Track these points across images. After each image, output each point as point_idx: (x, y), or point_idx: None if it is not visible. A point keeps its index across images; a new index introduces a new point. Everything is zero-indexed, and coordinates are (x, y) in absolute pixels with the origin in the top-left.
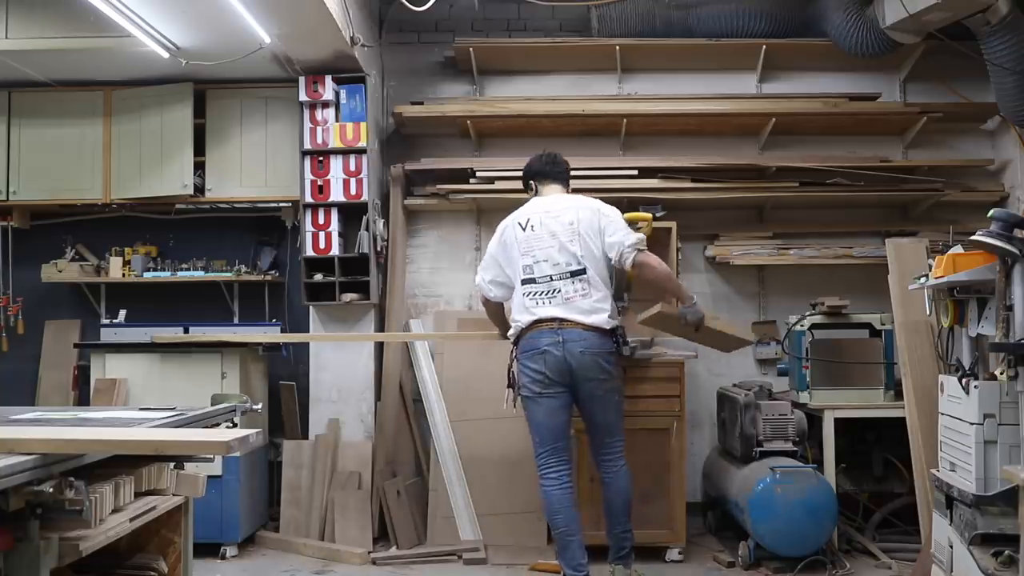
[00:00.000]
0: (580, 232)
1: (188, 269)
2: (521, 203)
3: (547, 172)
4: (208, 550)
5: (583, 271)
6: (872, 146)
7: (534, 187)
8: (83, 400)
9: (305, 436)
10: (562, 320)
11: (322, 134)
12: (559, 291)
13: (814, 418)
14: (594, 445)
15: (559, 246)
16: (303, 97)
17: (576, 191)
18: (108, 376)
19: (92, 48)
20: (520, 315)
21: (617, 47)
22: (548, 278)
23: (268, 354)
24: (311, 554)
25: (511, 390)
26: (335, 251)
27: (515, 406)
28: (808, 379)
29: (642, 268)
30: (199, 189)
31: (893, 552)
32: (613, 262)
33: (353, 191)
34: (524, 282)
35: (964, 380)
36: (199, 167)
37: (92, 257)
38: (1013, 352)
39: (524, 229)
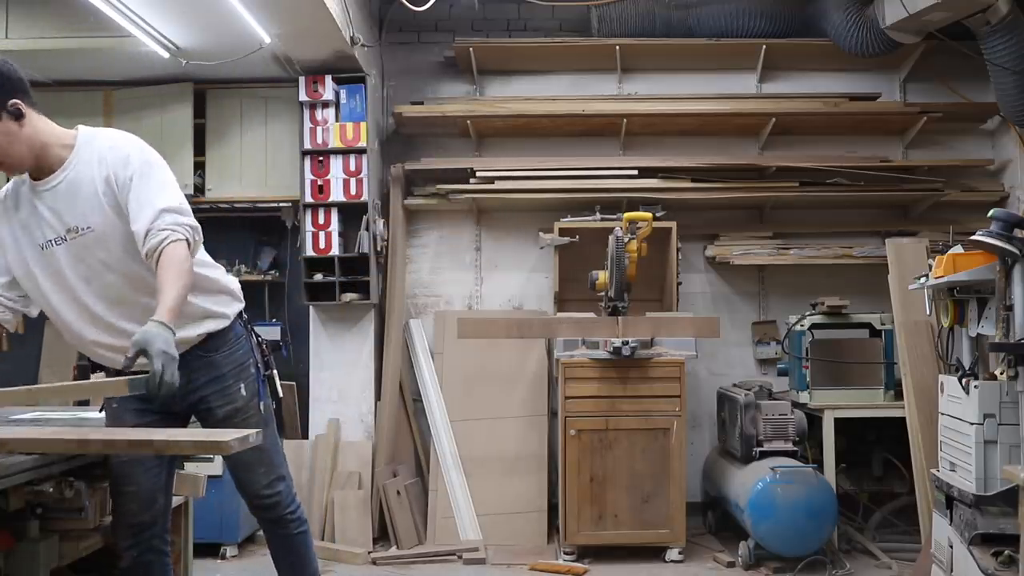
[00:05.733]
0: None
1: None
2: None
3: None
4: (208, 550)
5: None
6: (872, 146)
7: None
8: (83, 400)
9: (305, 436)
10: None
11: (322, 134)
12: None
13: (814, 418)
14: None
15: None
16: (303, 97)
17: (576, 191)
18: None
19: (92, 48)
20: (236, 289)
21: (617, 47)
22: None
23: None
24: None
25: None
26: (335, 251)
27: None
28: (808, 379)
29: None
30: (199, 189)
31: (893, 552)
32: None
33: (353, 191)
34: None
35: (964, 380)
36: (199, 167)
37: None
38: (1013, 352)
39: None
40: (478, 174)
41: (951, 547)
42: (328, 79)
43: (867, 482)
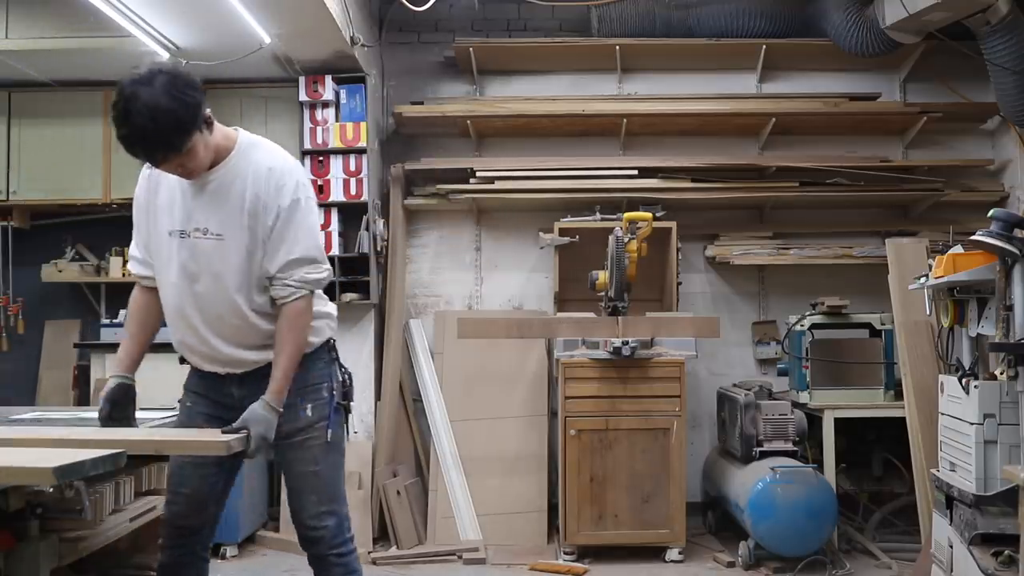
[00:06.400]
0: None
1: None
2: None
3: None
4: None
5: None
6: (872, 146)
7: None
8: (83, 400)
9: None
10: None
11: (322, 134)
12: None
13: (814, 418)
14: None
15: None
16: (303, 97)
17: (576, 191)
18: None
19: (92, 48)
20: (332, 317)
21: (617, 47)
22: None
23: None
24: None
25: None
26: (335, 251)
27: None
28: (808, 379)
29: None
30: None
31: (893, 552)
32: None
33: (353, 191)
34: None
35: (964, 380)
36: None
37: (92, 257)
38: (1013, 352)
39: None
40: (478, 174)
41: (951, 547)
42: (328, 79)
43: (867, 482)
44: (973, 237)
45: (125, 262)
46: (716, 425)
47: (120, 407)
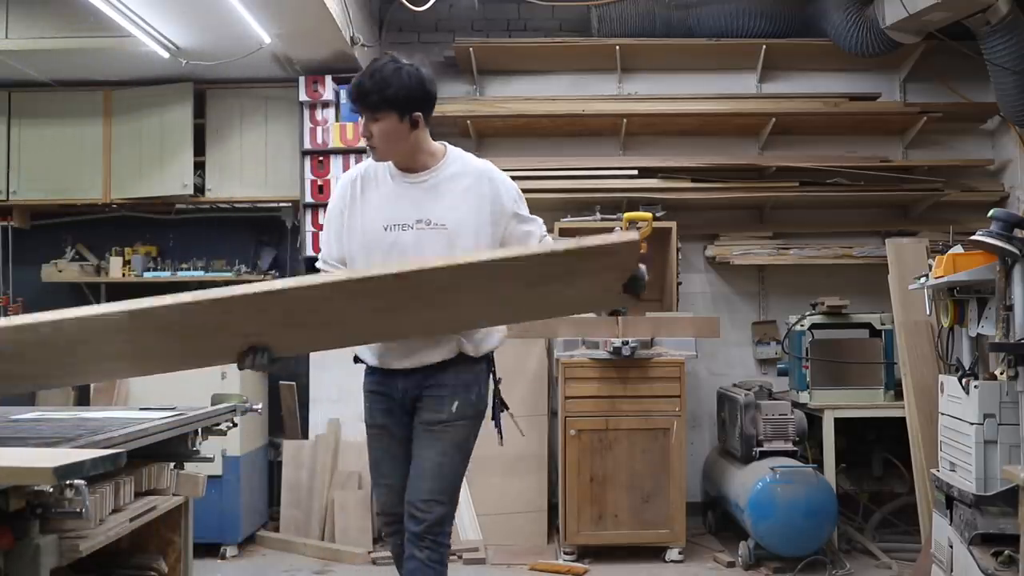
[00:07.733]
0: None
1: (188, 269)
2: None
3: None
4: (208, 550)
5: None
6: (872, 146)
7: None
8: (83, 400)
9: (305, 436)
10: None
11: (322, 134)
12: None
13: (814, 418)
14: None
15: None
16: (303, 97)
17: (576, 191)
18: None
19: (92, 48)
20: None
21: (617, 47)
22: None
23: None
24: (311, 554)
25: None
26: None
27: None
28: (808, 379)
29: None
30: (199, 189)
31: (893, 552)
32: None
33: None
34: None
35: (964, 380)
36: (199, 167)
37: (92, 257)
38: (1013, 352)
39: None
40: None
41: (951, 547)
42: (328, 79)
43: (867, 482)
44: (973, 237)
45: (126, 262)
46: (716, 425)
47: None
